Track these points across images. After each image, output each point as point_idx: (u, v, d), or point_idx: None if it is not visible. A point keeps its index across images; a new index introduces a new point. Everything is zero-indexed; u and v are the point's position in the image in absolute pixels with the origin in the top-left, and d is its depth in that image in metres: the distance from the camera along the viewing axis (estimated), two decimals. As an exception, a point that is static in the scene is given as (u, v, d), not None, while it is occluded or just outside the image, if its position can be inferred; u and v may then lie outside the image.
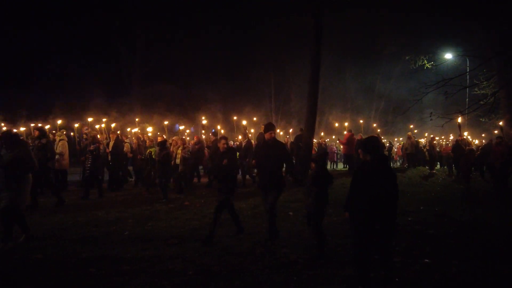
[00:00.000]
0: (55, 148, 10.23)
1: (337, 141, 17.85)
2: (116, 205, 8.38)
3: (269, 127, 5.45)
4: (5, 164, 5.21)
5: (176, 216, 7.16)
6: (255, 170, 12.34)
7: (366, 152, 3.70)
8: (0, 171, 5.21)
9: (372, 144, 3.76)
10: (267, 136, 5.38)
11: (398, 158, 25.20)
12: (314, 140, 15.92)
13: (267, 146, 5.40)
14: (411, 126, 24.67)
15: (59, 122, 13.49)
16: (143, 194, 10.06)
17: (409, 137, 17.42)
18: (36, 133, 8.54)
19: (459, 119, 9.83)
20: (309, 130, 12.18)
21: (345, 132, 16.00)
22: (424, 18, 22.71)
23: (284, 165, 5.77)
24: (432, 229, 6.13)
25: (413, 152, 17.23)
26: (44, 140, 8.28)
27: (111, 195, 9.96)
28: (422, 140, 23.76)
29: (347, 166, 16.20)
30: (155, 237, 5.71)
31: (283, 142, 16.32)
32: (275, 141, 5.45)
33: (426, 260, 4.51)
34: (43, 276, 4.11)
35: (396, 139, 29.18)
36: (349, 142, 14.77)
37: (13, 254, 4.84)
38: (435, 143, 18.93)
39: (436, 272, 4.13)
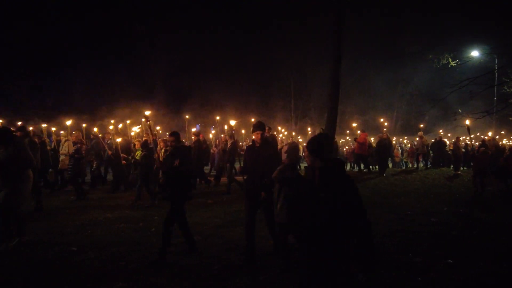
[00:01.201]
0: (61, 148, 10.65)
1: (354, 141, 17.46)
2: (142, 203, 8.68)
3: (256, 126, 4.71)
4: (0, 162, 5.02)
5: (200, 214, 7.38)
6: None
7: (315, 155, 2.72)
8: None
9: (322, 144, 2.78)
10: (254, 136, 4.70)
11: (421, 159, 24.60)
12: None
13: (254, 148, 4.69)
14: (421, 126, 23.94)
15: (85, 122, 13.94)
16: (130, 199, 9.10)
17: (420, 137, 16.69)
18: (18, 133, 8.24)
19: (467, 121, 9.35)
20: (330, 130, 12.16)
21: (358, 132, 15.81)
22: (449, 16, 22.11)
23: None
24: (456, 230, 6.06)
25: (424, 152, 16.75)
26: (26, 141, 7.93)
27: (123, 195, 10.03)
28: (447, 140, 23.06)
29: (357, 167, 16.13)
30: (180, 234, 5.93)
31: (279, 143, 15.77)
32: (264, 143, 4.71)
33: (449, 260, 4.50)
34: (78, 266, 4.41)
35: (417, 139, 28.50)
36: (364, 142, 14.79)
37: (52, 246, 5.19)
38: (461, 143, 18.34)
39: (460, 272, 4.12)
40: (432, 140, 22.34)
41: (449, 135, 24.94)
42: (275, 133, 19.04)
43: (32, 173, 5.42)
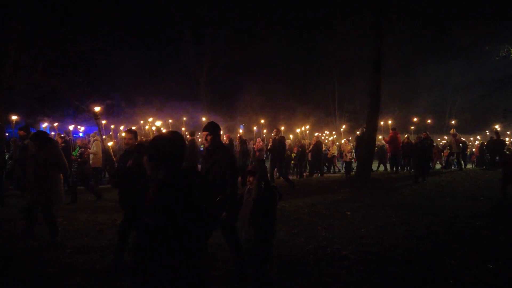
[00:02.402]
0: (91, 147, 10.98)
1: (382, 140, 16.50)
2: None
3: (205, 128, 3.88)
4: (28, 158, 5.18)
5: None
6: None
7: (157, 164, 1.94)
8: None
9: (162, 148, 1.95)
10: (202, 140, 3.93)
11: (475, 159, 22.88)
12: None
13: (207, 155, 3.92)
14: (453, 122, 21.99)
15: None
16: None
17: (453, 135, 15.27)
18: (21, 133, 8.08)
19: (497, 126, 8.43)
20: (371, 129, 11.88)
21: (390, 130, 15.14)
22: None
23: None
24: (504, 235, 5.69)
25: (458, 152, 15.43)
26: (26, 141, 7.71)
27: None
28: (507, 139, 21.28)
29: (391, 168, 15.42)
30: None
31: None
32: (217, 148, 3.83)
33: (489, 265, 4.29)
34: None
35: (472, 138, 26.49)
36: (393, 141, 14.17)
37: (105, 235, 5.85)
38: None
39: (498, 278, 3.93)
40: (475, 141, 20.57)
41: (508, 132, 23.03)
42: (307, 129, 18.67)
43: (62, 176, 5.69)
